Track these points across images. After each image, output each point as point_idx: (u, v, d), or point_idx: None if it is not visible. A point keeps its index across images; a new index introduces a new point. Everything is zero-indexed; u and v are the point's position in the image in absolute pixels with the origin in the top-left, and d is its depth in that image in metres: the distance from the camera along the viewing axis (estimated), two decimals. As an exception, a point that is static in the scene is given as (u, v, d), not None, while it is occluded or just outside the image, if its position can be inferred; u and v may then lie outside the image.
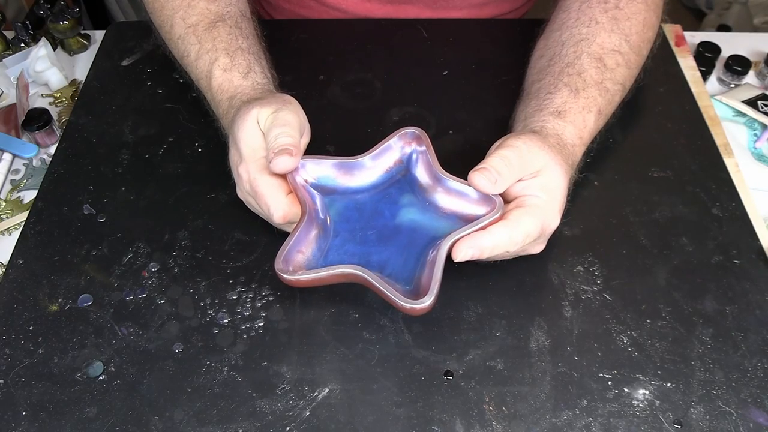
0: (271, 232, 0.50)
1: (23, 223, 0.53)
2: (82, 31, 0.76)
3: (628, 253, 0.50)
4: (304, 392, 0.43)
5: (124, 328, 0.46)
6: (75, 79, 0.73)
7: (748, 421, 0.42)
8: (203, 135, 0.59)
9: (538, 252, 0.47)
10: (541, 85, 0.54)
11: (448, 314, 0.46)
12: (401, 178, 0.49)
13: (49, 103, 0.70)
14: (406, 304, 0.40)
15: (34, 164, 0.64)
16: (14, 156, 0.64)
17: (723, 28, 1.55)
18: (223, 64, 0.53)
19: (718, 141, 0.59)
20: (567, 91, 0.51)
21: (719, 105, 0.67)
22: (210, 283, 0.48)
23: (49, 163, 0.58)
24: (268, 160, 0.46)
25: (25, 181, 0.62)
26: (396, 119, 0.60)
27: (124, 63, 0.66)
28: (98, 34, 0.77)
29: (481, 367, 0.44)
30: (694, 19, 1.77)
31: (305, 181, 0.48)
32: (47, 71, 0.70)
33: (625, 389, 0.43)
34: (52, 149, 0.64)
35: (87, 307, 0.47)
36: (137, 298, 0.48)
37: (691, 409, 0.42)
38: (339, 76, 0.64)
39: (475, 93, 0.63)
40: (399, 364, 0.44)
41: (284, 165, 0.44)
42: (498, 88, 0.63)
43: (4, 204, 0.60)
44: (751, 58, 0.71)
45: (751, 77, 0.72)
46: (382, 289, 0.41)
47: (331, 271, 0.42)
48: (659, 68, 0.60)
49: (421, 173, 0.49)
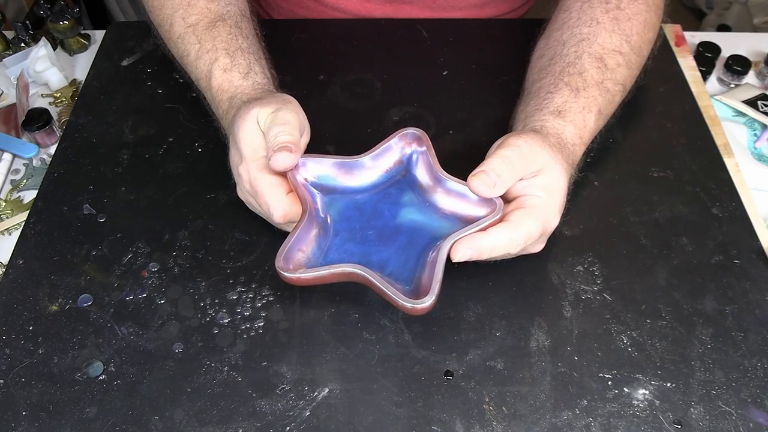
0: (271, 232, 0.50)
1: (23, 223, 0.53)
2: (82, 31, 0.76)
3: (628, 253, 0.50)
4: (304, 392, 0.43)
5: (124, 328, 0.46)
6: (75, 79, 0.73)
7: (748, 421, 0.42)
8: (203, 135, 0.59)
9: (538, 251, 0.47)
10: (542, 85, 0.54)
11: (448, 314, 0.46)
12: (401, 178, 0.50)
13: (49, 103, 0.70)
14: (407, 304, 0.41)
15: (34, 164, 0.64)
16: (14, 156, 0.64)
17: (723, 28, 1.55)
18: (223, 64, 0.53)
19: (718, 141, 0.59)
20: (567, 90, 0.51)
21: (719, 105, 0.67)
22: (210, 283, 0.48)
23: (49, 163, 0.58)
24: (267, 158, 0.46)
25: (25, 181, 0.62)
26: (396, 119, 0.60)
27: (124, 63, 0.66)
28: (98, 34, 0.77)
29: (481, 367, 0.44)
30: (694, 19, 1.77)
31: (305, 180, 0.48)
32: (47, 71, 0.70)
33: (625, 389, 0.43)
34: (52, 149, 0.64)
35: (87, 307, 0.47)
36: (137, 298, 0.48)
37: (691, 409, 0.42)
38: (339, 76, 0.64)
39: (475, 93, 0.63)
40: (399, 364, 0.44)
41: (284, 162, 0.44)
42: (498, 88, 0.63)
43: (4, 204, 0.60)
44: (751, 58, 0.71)
45: (751, 77, 0.72)
46: (384, 289, 0.41)
47: (333, 270, 0.43)
48: (659, 68, 0.60)
49: (422, 174, 0.49)
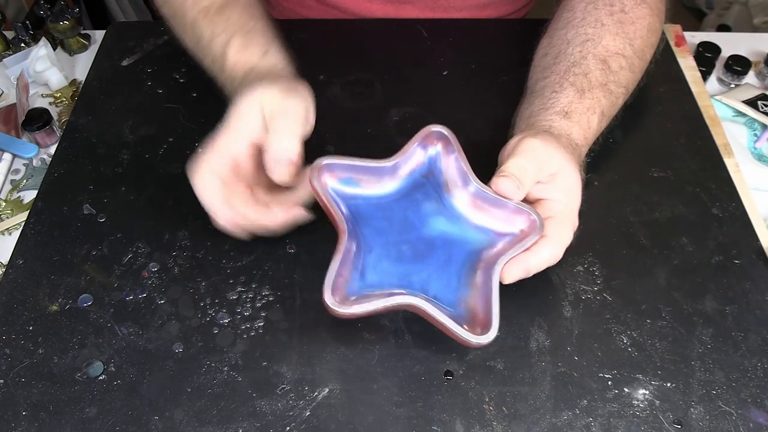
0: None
1: (23, 223, 0.53)
2: (82, 31, 0.76)
3: (628, 253, 0.50)
4: (304, 392, 0.43)
5: (124, 328, 0.46)
6: (75, 79, 0.73)
7: (748, 421, 0.42)
8: (203, 135, 0.58)
9: None
10: (546, 84, 0.54)
11: (448, 314, 0.46)
12: (425, 180, 0.48)
13: (49, 103, 0.70)
14: (473, 340, 0.40)
15: (34, 164, 0.64)
16: (14, 156, 0.64)
17: (723, 28, 1.55)
18: (237, 44, 0.52)
19: (718, 141, 0.59)
20: (573, 91, 0.51)
21: (719, 105, 0.67)
22: (210, 283, 0.48)
23: (49, 163, 0.58)
24: (266, 164, 0.46)
25: (25, 181, 0.62)
26: (396, 119, 0.60)
27: (124, 63, 0.66)
28: (98, 34, 0.77)
29: (481, 367, 0.44)
30: (694, 19, 1.77)
31: (326, 185, 0.46)
32: (47, 71, 0.70)
33: (625, 389, 0.43)
34: (52, 149, 0.64)
35: (87, 307, 0.47)
36: (137, 298, 0.48)
37: (691, 409, 0.42)
38: (339, 76, 0.64)
39: (475, 93, 0.63)
40: (399, 364, 0.44)
41: (281, 178, 0.45)
42: (498, 88, 0.63)
43: (4, 204, 0.60)
44: (751, 58, 0.71)
45: (751, 77, 0.72)
46: (447, 324, 0.40)
47: (389, 302, 0.40)
48: (659, 68, 0.60)
49: (449, 175, 0.47)
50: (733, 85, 0.71)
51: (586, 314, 0.47)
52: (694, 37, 0.74)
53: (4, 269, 0.51)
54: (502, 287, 0.43)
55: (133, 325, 0.46)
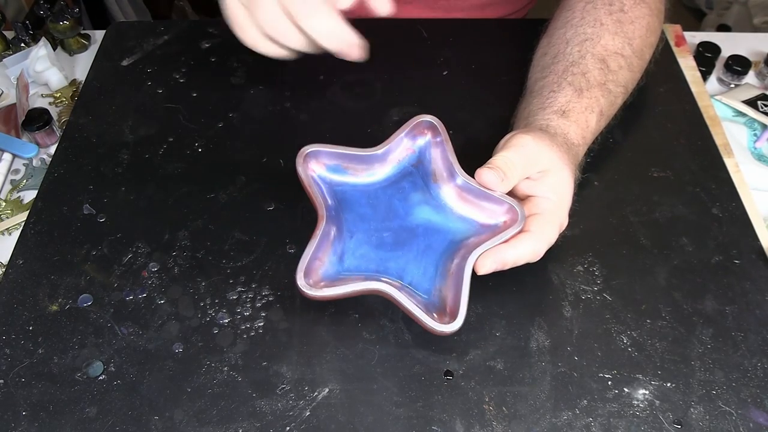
0: (272, 232, 0.50)
1: (23, 223, 0.53)
2: (82, 31, 0.76)
3: (628, 253, 0.50)
4: (304, 392, 0.43)
5: (124, 328, 0.46)
6: (75, 79, 0.73)
7: (748, 421, 0.42)
8: (203, 135, 0.59)
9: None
10: (545, 83, 0.54)
11: (448, 314, 0.46)
12: (414, 169, 0.48)
13: (49, 103, 0.70)
14: (437, 327, 0.40)
15: (34, 164, 0.64)
16: (14, 156, 0.64)
17: (723, 28, 1.55)
18: None
19: (718, 141, 0.59)
20: (571, 90, 0.51)
21: (719, 105, 0.67)
22: (210, 283, 0.48)
23: (49, 163, 0.58)
24: None
25: (25, 181, 0.62)
26: (396, 119, 0.60)
27: (124, 63, 0.66)
28: (98, 34, 0.77)
29: (481, 367, 0.44)
30: (694, 19, 1.77)
31: (313, 172, 0.47)
32: (47, 71, 0.70)
33: (625, 389, 0.43)
34: (52, 149, 0.64)
35: (87, 307, 0.47)
36: (137, 298, 0.48)
37: (691, 409, 0.42)
38: (339, 76, 0.64)
39: (475, 93, 0.63)
40: (399, 364, 0.44)
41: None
42: (498, 88, 0.63)
43: (4, 204, 0.60)
44: (751, 58, 0.71)
45: (751, 77, 0.72)
46: (412, 311, 0.41)
47: (357, 287, 0.41)
48: (659, 68, 0.60)
49: (436, 165, 0.48)
50: (733, 85, 0.71)
51: (586, 314, 0.47)
52: (694, 37, 0.74)
53: (4, 269, 0.51)
54: (503, 287, 0.43)
55: (133, 325, 0.46)
